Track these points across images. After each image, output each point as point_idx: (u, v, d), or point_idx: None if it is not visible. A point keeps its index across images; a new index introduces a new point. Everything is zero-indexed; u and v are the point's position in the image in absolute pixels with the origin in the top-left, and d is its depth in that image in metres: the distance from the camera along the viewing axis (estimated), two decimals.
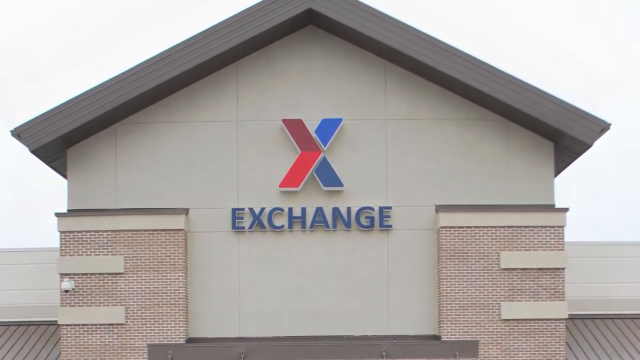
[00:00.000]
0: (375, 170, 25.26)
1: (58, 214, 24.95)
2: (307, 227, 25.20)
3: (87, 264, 24.77)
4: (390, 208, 25.19)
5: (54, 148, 24.90)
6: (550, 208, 25.09)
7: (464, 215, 24.82)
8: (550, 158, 25.28)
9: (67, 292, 24.66)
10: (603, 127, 24.36)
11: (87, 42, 52.72)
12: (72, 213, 25.03)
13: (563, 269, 24.89)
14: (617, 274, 27.64)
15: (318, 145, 25.09)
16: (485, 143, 25.27)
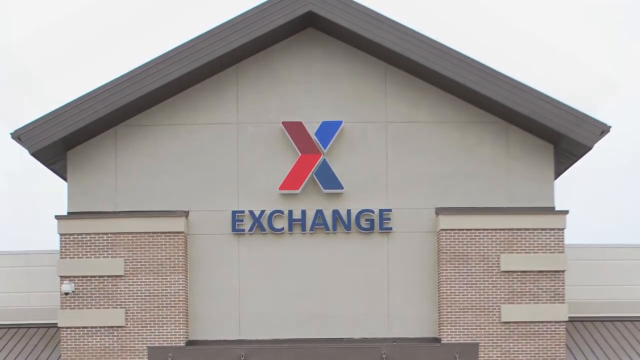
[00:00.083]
0: (375, 173, 25.25)
1: (58, 217, 24.95)
2: (307, 229, 25.18)
3: (87, 267, 24.76)
4: (390, 210, 25.18)
5: (54, 150, 24.90)
6: (550, 210, 25.07)
7: (464, 218, 24.81)
8: (550, 160, 25.26)
9: (67, 294, 24.65)
10: (603, 129, 24.34)
11: (87, 45, 52.72)
12: (72, 215, 25.03)
13: (563, 272, 24.88)
14: (617, 277, 27.62)
15: (318, 148, 25.08)
16: (485, 145, 25.26)
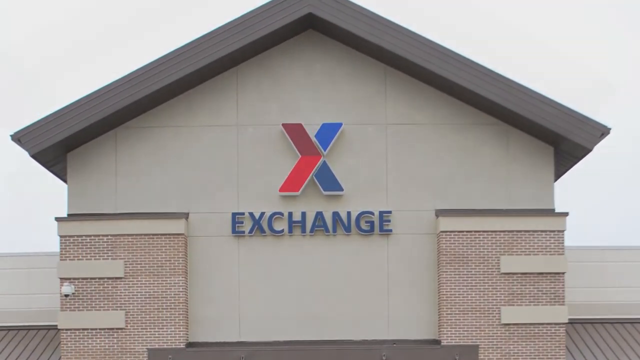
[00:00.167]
0: (375, 175, 25.25)
1: (58, 219, 24.94)
2: (307, 231, 25.18)
3: (87, 269, 24.76)
4: (390, 212, 25.17)
5: (54, 152, 24.90)
6: (551, 212, 25.07)
7: (464, 220, 24.81)
8: (550, 162, 25.27)
9: (67, 296, 24.65)
10: (603, 131, 24.35)
11: (87, 46, 52.78)
12: (72, 217, 25.03)
13: (563, 274, 24.88)
14: (617, 279, 27.60)
15: (318, 150, 25.08)
16: (485, 147, 25.26)
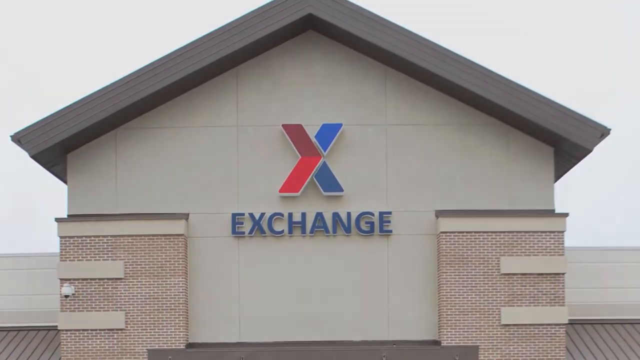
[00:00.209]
0: (375, 176, 25.25)
1: (58, 219, 24.95)
2: (307, 232, 25.18)
3: (87, 269, 24.76)
4: (390, 213, 25.18)
5: (54, 153, 24.90)
6: (551, 213, 25.07)
7: (464, 221, 24.81)
8: (550, 163, 25.27)
9: (67, 297, 24.65)
10: (603, 132, 24.35)
11: (87, 47, 52.79)
12: (72, 218, 25.03)
13: (563, 274, 24.88)
14: (617, 279, 27.60)
15: (318, 150, 25.09)
16: (485, 148, 25.27)
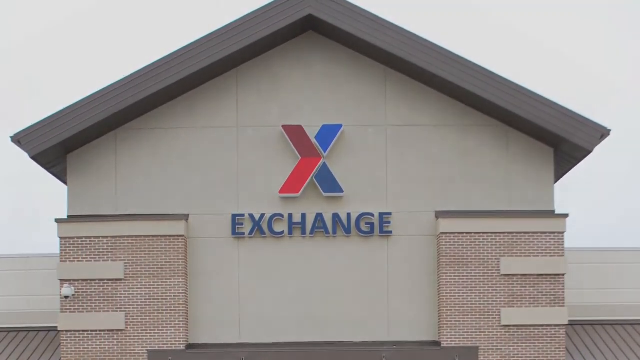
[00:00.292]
0: (375, 176, 25.25)
1: (58, 220, 24.94)
2: (307, 233, 25.18)
3: (87, 270, 24.76)
4: (390, 214, 25.17)
5: (54, 154, 24.90)
6: (551, 214, 25.07)
7: (464, 221, 24.81)
8: (551, 164, 25.27)
9: (67, 298, 24.65)
10: (603, 133, 24.35)
11: (87, 48, 52.80)
12: (72, 219, 25.03)
13: (563, 275, 24.88)
14: (617, 280, 27.61)
15: (318, 151, 25.09)
16: (485, 149, 25.27)
